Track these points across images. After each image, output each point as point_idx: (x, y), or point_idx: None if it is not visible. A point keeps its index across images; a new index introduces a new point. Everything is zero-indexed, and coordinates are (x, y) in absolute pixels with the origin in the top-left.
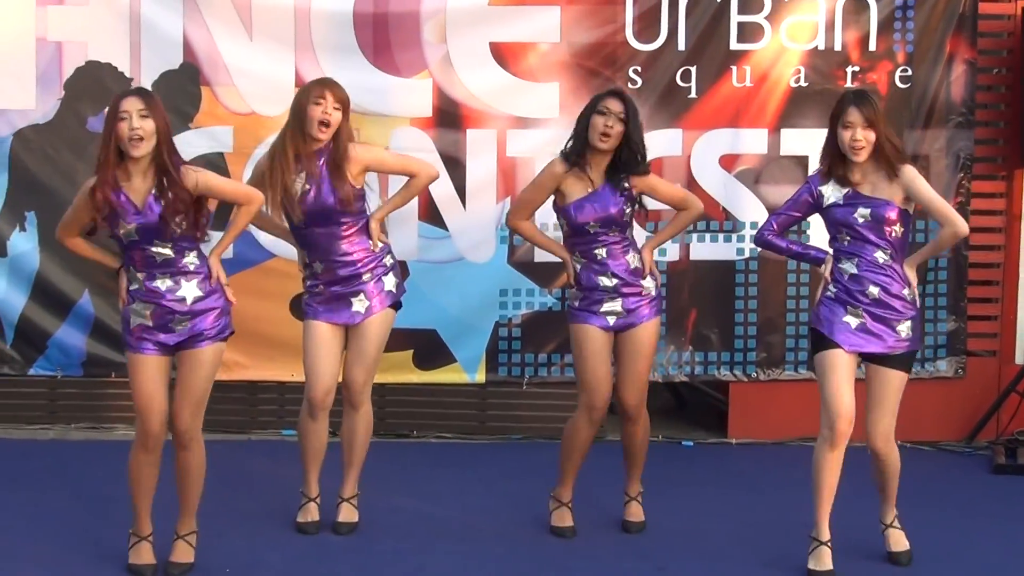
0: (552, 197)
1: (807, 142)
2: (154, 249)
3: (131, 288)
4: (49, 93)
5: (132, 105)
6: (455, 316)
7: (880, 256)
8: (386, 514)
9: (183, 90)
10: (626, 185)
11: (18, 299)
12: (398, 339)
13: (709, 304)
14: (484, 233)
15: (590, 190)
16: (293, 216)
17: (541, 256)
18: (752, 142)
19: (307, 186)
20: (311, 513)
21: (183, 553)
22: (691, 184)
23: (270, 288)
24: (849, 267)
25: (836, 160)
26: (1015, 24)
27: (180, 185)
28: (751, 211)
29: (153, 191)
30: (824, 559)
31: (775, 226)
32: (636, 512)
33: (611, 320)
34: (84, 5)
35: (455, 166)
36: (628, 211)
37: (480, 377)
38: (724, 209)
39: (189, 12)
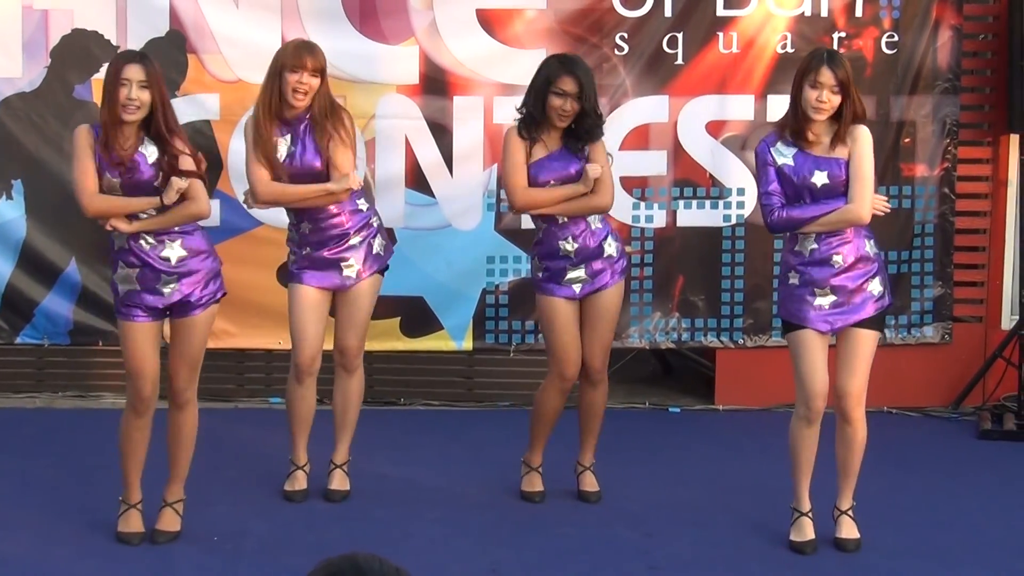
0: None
1: None
2: (143, 199)
3: (115, 248)
4: (35, 61)
5: (134, 74)
6: (442, 283)
7: None
8: (373, 482)
9: (169, 58)
10: (584, 149)
11: (4, 267)
12: (385, 306)
13: (696, 270)
14: (471, 200)
15: (549, 151)
16: (281, 178)
17: (528, 223)
18: (739, 108)
19: (292, 147)
20: (299, 482)
21: (170, 521)
22: (678, 150)
23: (257, 256)
24: (809, 243)
25: (792, 121)
26: None
27: (173, 154)
28: (738, 178)
29: (141, 147)
30: (806, 530)
31: (781, 201)
32: (591, 482)
33: (577, 288)
34: None
35: (442, 133)
36: None
37: (467, 344)
38: (711, 176)
39: None
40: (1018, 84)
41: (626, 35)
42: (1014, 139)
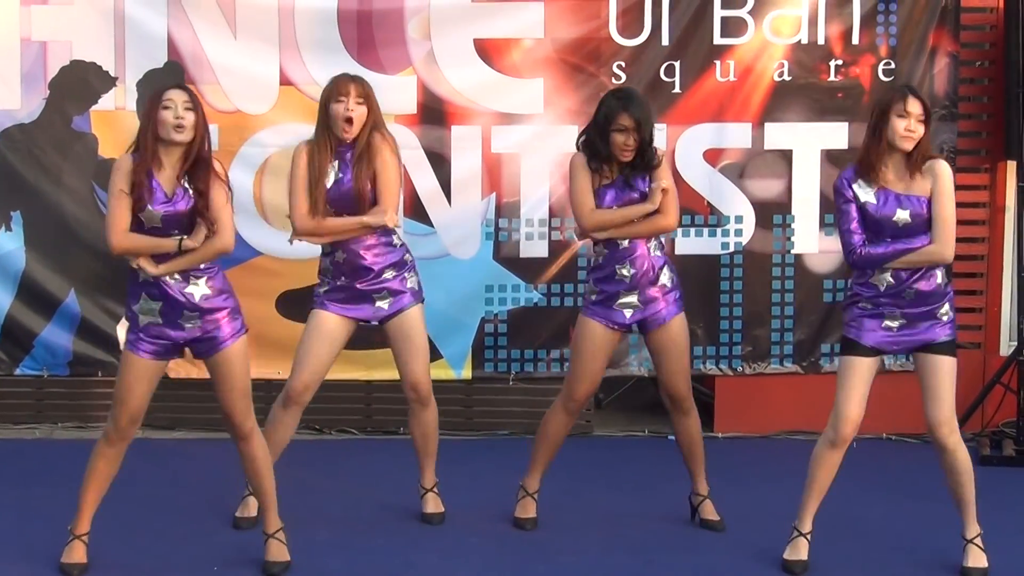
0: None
1: (791, 136)
2: (166, 239)
3: (139, 280)
4: (34, 93)
5: (178, 96)
6: (441, 312)
7: None
8: (374, 511)
9: None
10: (644, 180)
11: (4, 299)
12: (384, 336)
13: (694, 298)
14: (469, 229)
15: (611, 179)
16: (319, 205)
17: (527, 252)
18: (736, 136)
19: (339, 174)
20: (250, 508)
21: (278, 551)
22: (676, 179)
23: (256, 286)
24: (886, 276)
25: (872, 154)
26: (997, 17)
27: (208, 180)
28: (735, 205)
29: (184, 182)
30: (800, 550)
31: (862, 239)
32: (712, 510)
33: (628, 313)
34: (68, 5)
35: (440, 162)
36: None
37: (466, 373)
38: (709, 204)
39: (173, 11)
40: (1015, 111)
41: (623, 64)
42: (1011, 166)
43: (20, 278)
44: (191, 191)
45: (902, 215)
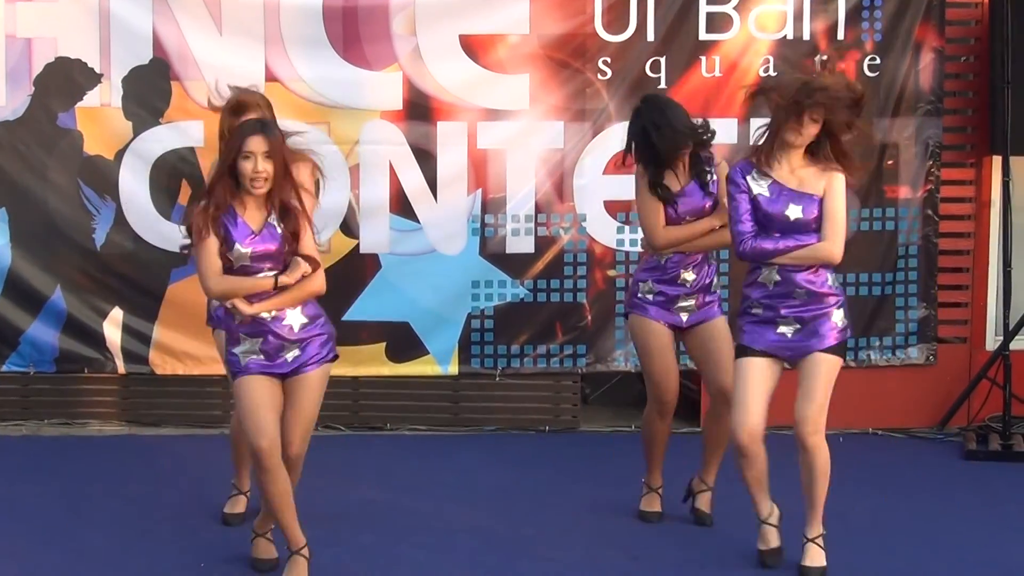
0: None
1: None
2: (261, 276)
3: (236, 322)
4: (19, 89)
5: (258, 146)
6: (427, 308)
7: None
8: (360, 507)
9: (153, 85)
10: (712, 176)
11: None
12: (371, 332)
13: None
14: (456, 225)
15: (680, 186)
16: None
17: (513, 247)
18: (722, 132)
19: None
20: (239, 505)
21: (265, 549)
22: None
23: None
24: (772, 274)
25: (771, 144)
26: (982, 12)
27: (298, 223)
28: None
29: (270, 218)
30: (769, 539)
31: (753, 230)
32: (707, 503)
33: (685, 316)
34: (53, 1)
35: (426, 159)
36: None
37: (453, 369)
38: None
39: (158, 7)
40: (1000, 106)
41: (609, 60)
42: (996, 160)
43: (6, 275)
44: (280, 230)
45: (794, 211)
